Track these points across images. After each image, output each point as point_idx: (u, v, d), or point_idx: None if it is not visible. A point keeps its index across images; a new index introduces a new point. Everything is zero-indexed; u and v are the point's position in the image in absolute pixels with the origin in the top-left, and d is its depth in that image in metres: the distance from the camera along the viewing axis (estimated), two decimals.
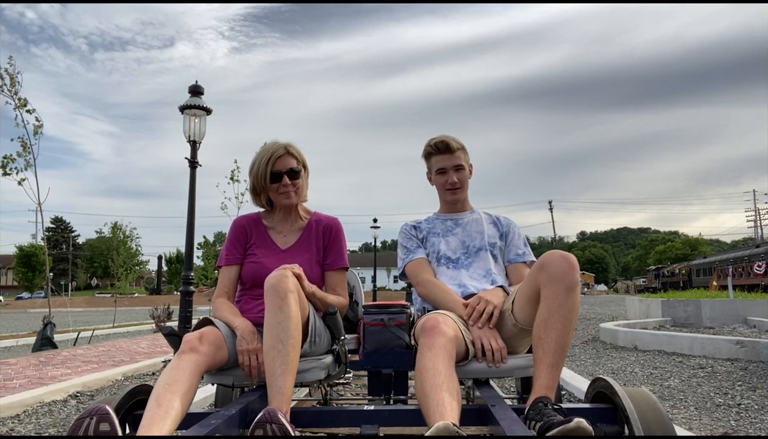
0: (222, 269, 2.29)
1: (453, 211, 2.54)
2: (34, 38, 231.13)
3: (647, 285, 57.70)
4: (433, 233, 2.48)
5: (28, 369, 6.01)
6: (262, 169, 2.22)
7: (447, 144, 2.40)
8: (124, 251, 22.73)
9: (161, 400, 1.57)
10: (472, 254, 2.40)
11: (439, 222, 2.52)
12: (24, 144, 8.70)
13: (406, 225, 2.57)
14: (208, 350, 1.83)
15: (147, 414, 1.53)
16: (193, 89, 8.79)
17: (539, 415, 1.55)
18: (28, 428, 3.61)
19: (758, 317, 8.50)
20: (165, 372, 1.68)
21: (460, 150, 2.43)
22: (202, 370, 1.79)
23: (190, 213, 8.61)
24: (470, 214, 2.53)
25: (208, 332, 1.91)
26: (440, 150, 2.42)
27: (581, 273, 2.24)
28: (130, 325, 16.25)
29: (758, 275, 29.53)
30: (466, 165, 2.46)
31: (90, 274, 73.96)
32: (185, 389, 1.64)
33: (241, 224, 2.34)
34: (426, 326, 1.82)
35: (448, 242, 2.43)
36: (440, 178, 2.45)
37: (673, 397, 4.09)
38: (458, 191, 2.45)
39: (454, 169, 2.42)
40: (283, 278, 1.81)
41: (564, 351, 1.75)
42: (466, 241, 2.43)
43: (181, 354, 1.76)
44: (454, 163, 2.41)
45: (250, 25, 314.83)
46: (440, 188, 2.49)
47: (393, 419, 1.84)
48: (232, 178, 12.44)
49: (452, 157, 2.41)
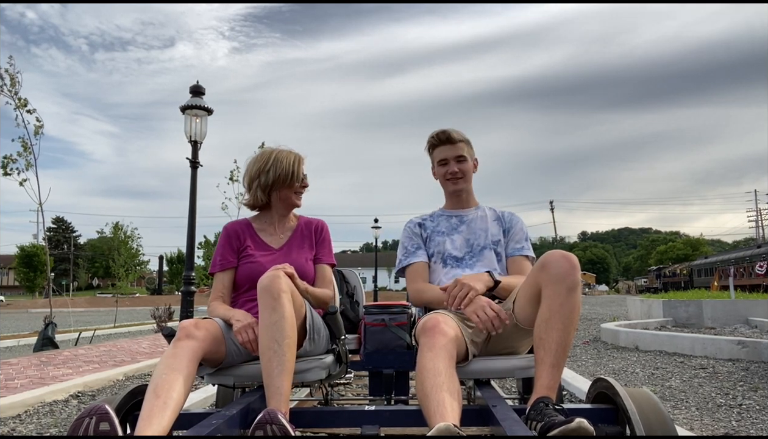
0: (216, 275, 2.28)
1: (458, 207, 2.49)
2: (34, 38, 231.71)
3: (648, 285, 57.59)
4: (438, 232, 2.44)
5: (30, 369, 6.01)
6: (289, 168, 2.29)
7: (449, 135, 2.38)
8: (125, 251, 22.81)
9: (159, 390, 1.56)
10: (476, 253, 2.37)
11: (444, 219, 2.48)
12: (25, 144, 8.71)
13: (411, 222, 2.53)
14: (205, 336, 1.81)
15: (146, 406, 1.52)
16: (194, 89, 8.80)
17: (540, 415, 1.55)
18: (29, 428, 3.62)
19: (760, 317, 8.48)
20: (162, 361, 1.67)
21: (463, 142, 2.41)
22: (200, 356, 1.77)
23: (191, 213, 8.61)
24: (475, 211, 2.49)
25: (204, 321, 1.90)
26: (442, 141, 2.40)
27: (582, 273, 2.23)
28: (131, 325, 16.24)
29: (759, 276, 29.48)
30: (469, 157, 2.42)
31: (91, 274, 74.00)
32: (183, 376, 1.63)
33: (233, 229, 2.36)
34: (426, 326, 1.81)
35: (453, 240, 2.40)
36: (441, 169, 2.43)
37: (675, 397, 4.09)
38: (460, 181, 2.41)
39: (455, 160, 2.39)
40: (275, 279, 1.81)
41: (565, 351, 1.75)
42: (470, 239, 2.40)
43: (177, 341, 1.74)
44: (455, 153, 2.39)
45: (250, 26, 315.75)
46: (442, 179, 2.45)
47: (394, 420, 1.84)
48: (231, 179, 12.47)
49: (454, 147, 2.39)
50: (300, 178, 2.32)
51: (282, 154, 2.33)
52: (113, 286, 54.19)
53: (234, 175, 12.38)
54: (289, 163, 2.30)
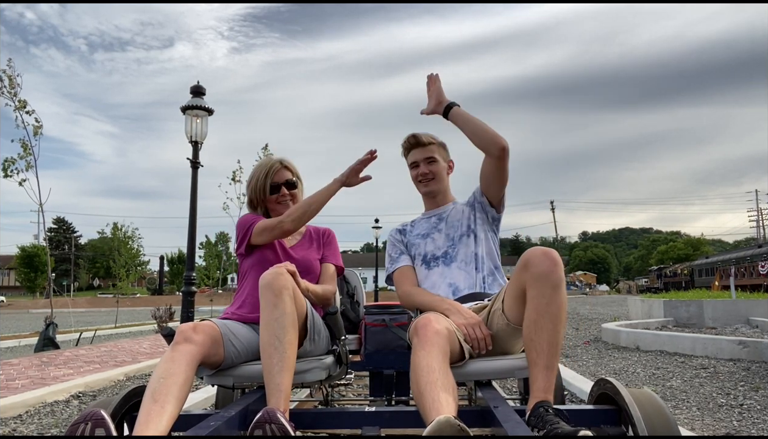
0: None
1: (435, 207, 2.50)
2: (33, 39, 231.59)
3: (649, 285, 57.57)
4: (417, 235, 2.45)
5: (31, 369, 6.01)
6: (261, 182, 2.36)
7: (417, 138, 2.41)
8: (125, 251, 22.80)
9: (157, 395, 1.55)
10: (456, 243, 2.36)
11: (425, 221, 2.49)
12: (24, 145, 8.72)
13: (392, 231, 2.56)
14: (203, 340, 1.80)
15: (143, 410, 1.52)
16: (194, 90, 8.80)
17: (541, 422, 1.54)
18: (30, 428, 3.62)
19: (760, 317, 8.47)
20: (159, 365, 1.67)
21: (433, 144, 2.42)
22: (198, 360, 1.76)
23: (192, 213, 8.61)
24: (453, 206, 2.48)
25: (202, 324, 1.89)
26: (412, 145, 2.43)
27: (583, 273, 2.22)
28: (132, 325, 16.25)
29: (762, 275, 29.46)
30: (440, 159, 2.43)
31: (92, 274, 74.09)
32: (181, 381, 1.62)
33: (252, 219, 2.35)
34: (418, 325, 1.81)
35: (434, 240, 2.39)
36: (413, 171, 2.46)
37: (676, 397, 4.08)
38: (430, 183, 2.42)
39: (425, 162, 2.41)
40: (278, 276, 1.82)
41: (557, 351, 1.74)
42: (450, 233, 2.40)
43: (175, 345, 1.73)
44: (425, 155, 2.40)
45: (249, 26, 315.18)
46: (414, 182, 2.48)
47: (395, 421, 1.84)
48: (233, 179, 12.48)
49: (424, 149, 2.41)
50: (267, 192, 2.34)
51: (258, 167, 2.40)
52: (114, 286, 54.25)
53: (236, 176, 12.40)
54: (258, 178, 2.37)
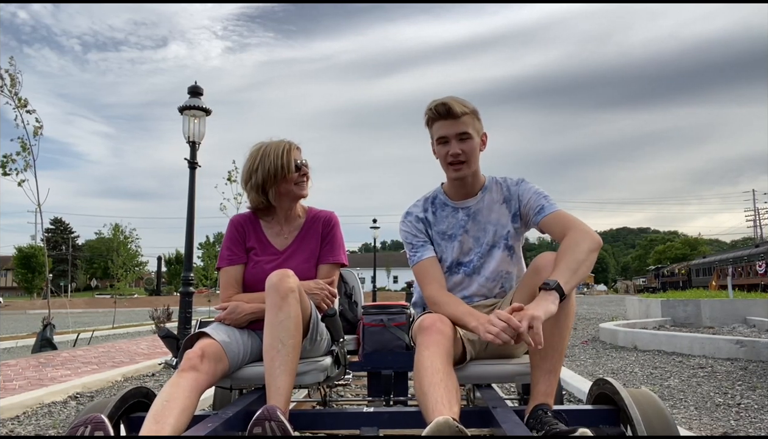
0: (223, 270, 2.21)
1: (462, 196, 2.13)
2: (26, 38, 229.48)
3: (647, 285, 57.72)
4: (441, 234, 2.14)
5: (28, 370, 6.00)
6: (279, 161, 2.16)
7: (449, 107, 1.97)
8: (123, 252, 22.76)
9: (159, 417, 1.55)
10: (485, 253, 2.11)
11: (450, 215, 2.14)
12: (24, 145, 8.68)
13: (410, 214, 2.18)
14: (209, 369, 1.78)
15: (144, 431, 1.51)
16: (192, 90, 8.78)
17: (540, 423, 1.54)
18: (27, 429, 3.61)
19: (758, 316, 8.50)
20: (164, 389, 1.66)
21: (468, 115, 1.99)
22: (203, 389, 1.74)
23: (190, 214, 8.60)
24: (482, 196, 2.13)
25: (209, 347, 1.84)
26: (441, 115, 1.99)
27: None
28: (129, 326, 16.21)
29: (760, 275, 29.53)
30: (474, 133, 2.01)
31: (90, 275, 73.88)
32: (183, 406, 1.61)
33: (239, 222, 2.29)
34: (423, 325, 1.79)
35: (461, 244, 2.11)
36: (441, 148, 2.03)
37: (673, 397, 4.09)
38: (463, 166, 2.01)
39: (457, 138, 1.98)
40: (284, 278, 1.81)
41: (561, 356, 1.73)
42: (480, 237, 2.12)
43: (181, 372, 1.72)
44: (457, 130, 1.98)
45: (243, 25, 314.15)
46: (442, 161, 2.07)
47: (393, 421, 1.83)
48: (229, 179, 12.47)
49: (456, 122, 1.98)
50: (292, 169, 2.17)
51: (269, 147, 2.20)
52: (112, 287, 54.16)
53: (232, 176, 12.40)
54: (277, 156, 2.16)
